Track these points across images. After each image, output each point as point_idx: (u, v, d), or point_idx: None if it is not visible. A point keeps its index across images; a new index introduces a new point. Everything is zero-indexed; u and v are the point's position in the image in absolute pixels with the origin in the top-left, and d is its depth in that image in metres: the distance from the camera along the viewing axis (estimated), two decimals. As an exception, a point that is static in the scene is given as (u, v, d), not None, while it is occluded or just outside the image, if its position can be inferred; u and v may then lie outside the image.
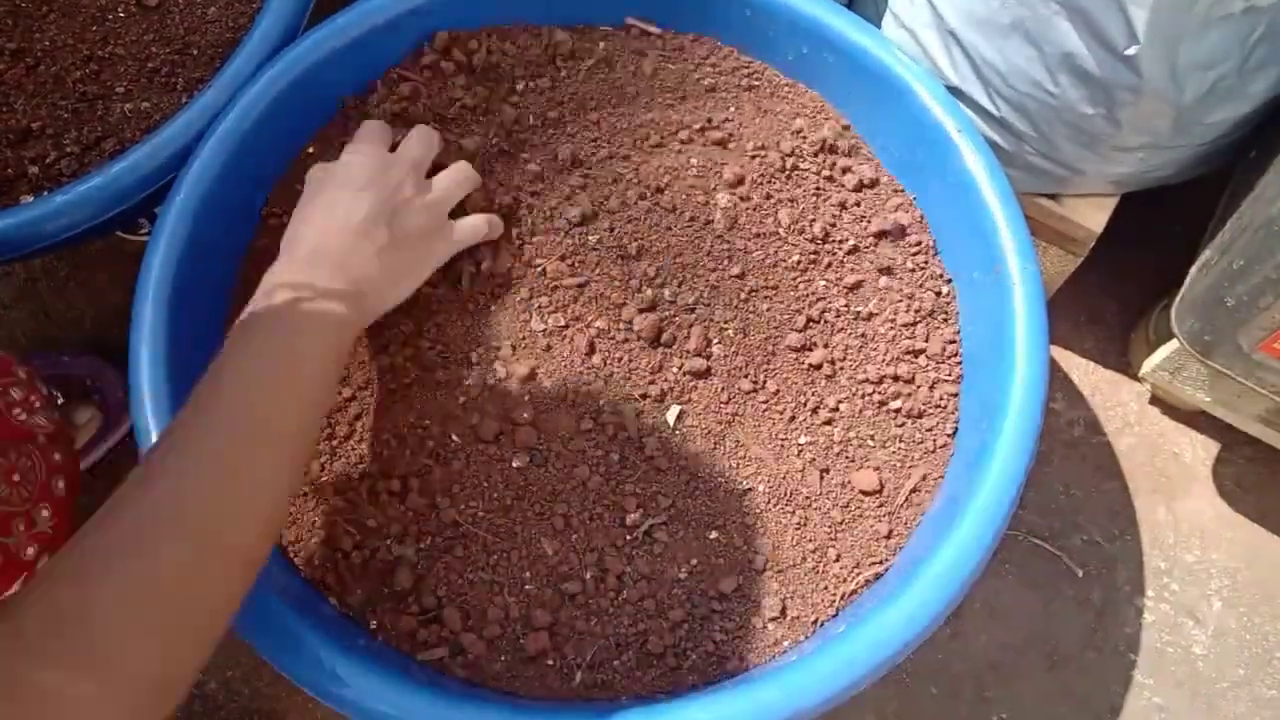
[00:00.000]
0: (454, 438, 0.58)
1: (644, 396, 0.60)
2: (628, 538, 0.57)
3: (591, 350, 0.60)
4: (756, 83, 0.71)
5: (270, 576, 0.53)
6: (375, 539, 0.56)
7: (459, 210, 0.61)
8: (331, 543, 0.56)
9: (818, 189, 0.67)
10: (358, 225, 0.54)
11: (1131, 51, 0.63)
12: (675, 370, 0.60)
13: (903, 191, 0.68)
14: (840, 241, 0.66)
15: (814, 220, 0.66)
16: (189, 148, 0.64)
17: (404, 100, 0.68)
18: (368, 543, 0.56)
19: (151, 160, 0.65)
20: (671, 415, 0.59)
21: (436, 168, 0.62)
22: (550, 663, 0.54)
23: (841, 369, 0.62)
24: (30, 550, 0.54)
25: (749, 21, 0.70)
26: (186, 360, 0.59)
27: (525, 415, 0.58)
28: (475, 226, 0.60)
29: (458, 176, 0.61)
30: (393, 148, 0.61)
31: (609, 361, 0.60)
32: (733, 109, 0.70)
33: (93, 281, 0.98)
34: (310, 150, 0.68)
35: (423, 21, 0.70)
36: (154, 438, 0.55)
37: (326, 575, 0.56)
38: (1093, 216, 0.78)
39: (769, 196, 0.66)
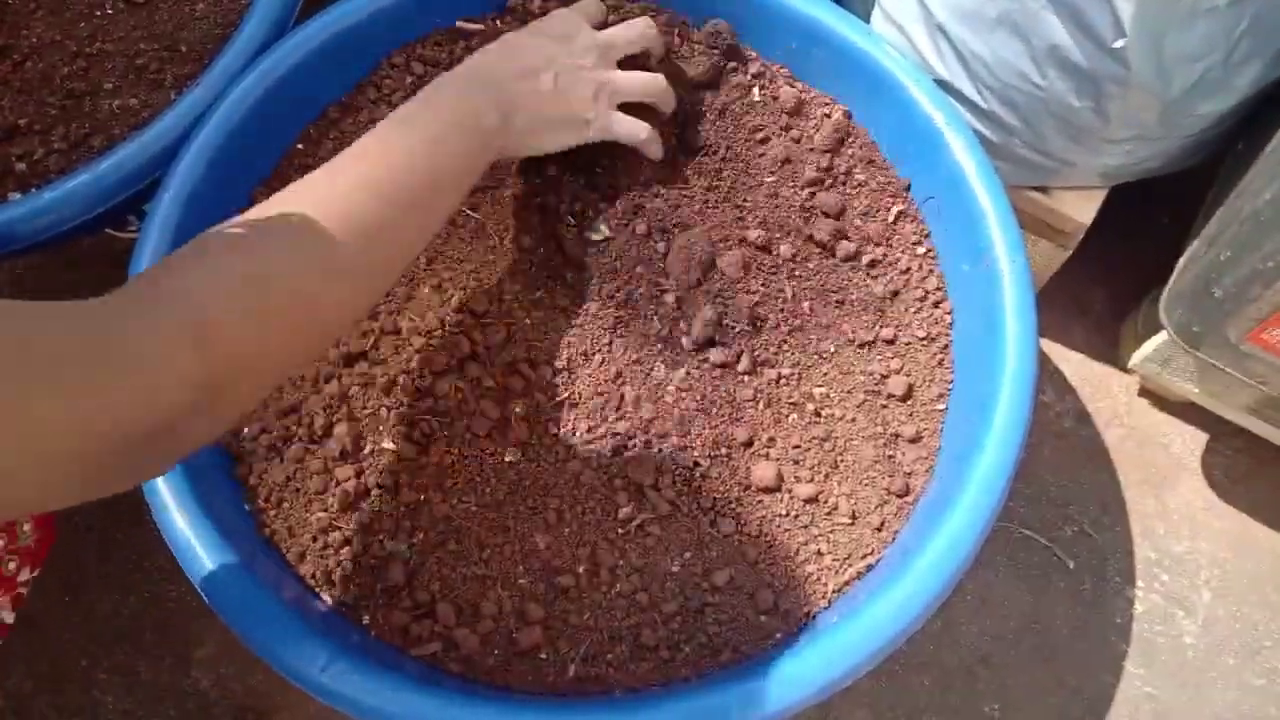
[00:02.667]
0: (446, 432, 0.58)
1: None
2: (620, 531, 0.57)
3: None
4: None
5: (264, 573, 0.53)
6: (367, 535, 0.56)
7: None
8: (324, 539, 0.56)
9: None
10: (527, 64, 0.57)
11: (1118, 44, 0.63)
12: (667, 363, 0.60)
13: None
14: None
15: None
16: (177, 144, 0.64)
17: (391, 107, 0.68)
18: (360, 538, 0.56)
19: (140, 157, 0.64)
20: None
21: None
22: (544, 656, 0.54)
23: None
24: (12, 564, 0.54)
25: (738, 17, 0.70)
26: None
27: (518, 410, 0.58)
28: (634, 126, 0.61)
29: (644, 81, 0.62)
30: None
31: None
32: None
33: (82, 280, 0.97)
34: (299, 146, 0.68)
35: (415, 16, 0.70)
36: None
37: (319, 571, 0.56)
38: (1081, 209, 0.78)
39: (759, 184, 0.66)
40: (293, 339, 0.44)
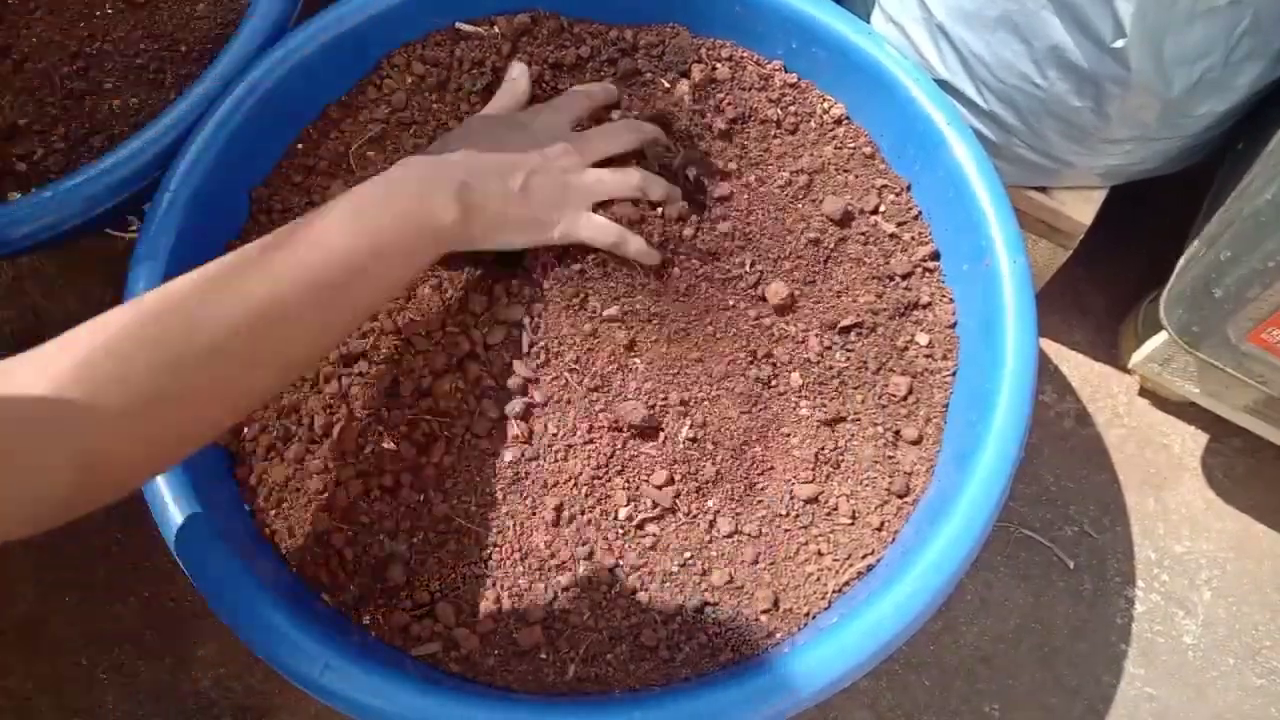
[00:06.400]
0: (446, 432, 0.58)
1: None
2: (620, 531, 0.57)
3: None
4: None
5: (264, 573, 0.53)
6: (368, 535, 0.56)
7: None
8: (324, 539, 0.56)
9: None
10: (499, 160, 0.56)
11: (1118, 44, 0.63)
12: (672, 371, 0.60)
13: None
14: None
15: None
16: (177, 144, 0.64)
17: (391, 108, 0.68)
18: (360, 538, 0.56)
19: (140, 157, 0.64)
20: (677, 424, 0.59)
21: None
22: (544, 657, 0.54)
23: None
24: None
25: (738, 17, 0.70)
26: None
27: (518, 410, 0.58)
28: (605, 229, 0.59)
29: (616, 182, 0.60)
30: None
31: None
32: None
33: (82, 280, 0.97)
34: (299, 146, 0.68)
35: (415, 17, 0.70)
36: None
37: (319, 571, 0.56)
38: (1081, 209, 0.78)
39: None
40: (185, 443, 0.46)
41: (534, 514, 0.57)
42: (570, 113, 0.62)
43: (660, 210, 0.61)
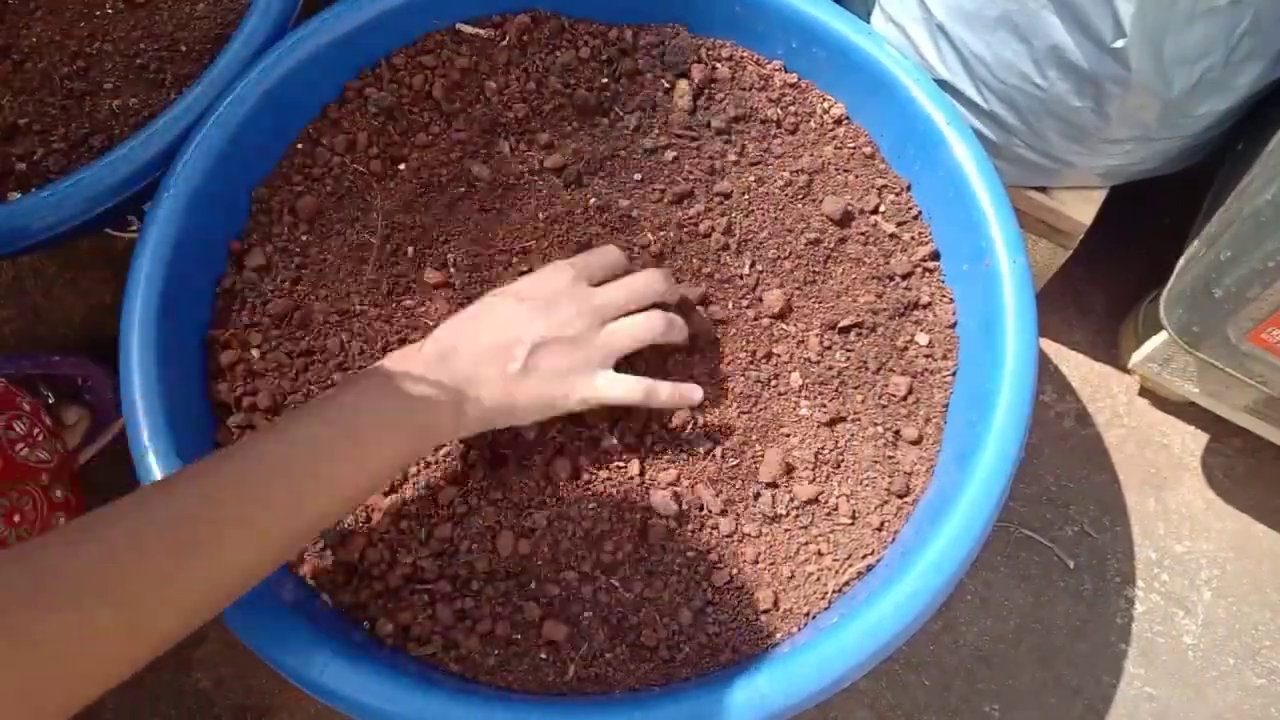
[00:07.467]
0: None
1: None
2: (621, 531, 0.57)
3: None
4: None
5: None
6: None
7: None
8: (324, 540, 0.56)
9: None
10: (497, 340, 0.52)
11: (1119, 44, 0.63)
12: (671, 372, 0.60)
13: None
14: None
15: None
16: (177, 144, 0.64)
17: (388, 100, 0.68)
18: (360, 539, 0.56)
19: (140, 156, 0.64)
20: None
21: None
22: (544, 657, 0.54)
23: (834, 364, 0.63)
24: None
25: (738, 17, 0.70)
26: (178, 356, 0.59)
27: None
28: (629, 387, 0.55)
29: (636, 331, 0.56)
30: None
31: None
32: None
33: (82, 280, 0.97)
34: (299, 146, 0.68)
35: (415, 17, 0.70)
36: (145, 436, 0.55)
37: (319, 571, 0.56)
38: (1081, 209, 0.78)
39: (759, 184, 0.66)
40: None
41: (535, 512, 0.57)
42: (592, 268, 0.57)
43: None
